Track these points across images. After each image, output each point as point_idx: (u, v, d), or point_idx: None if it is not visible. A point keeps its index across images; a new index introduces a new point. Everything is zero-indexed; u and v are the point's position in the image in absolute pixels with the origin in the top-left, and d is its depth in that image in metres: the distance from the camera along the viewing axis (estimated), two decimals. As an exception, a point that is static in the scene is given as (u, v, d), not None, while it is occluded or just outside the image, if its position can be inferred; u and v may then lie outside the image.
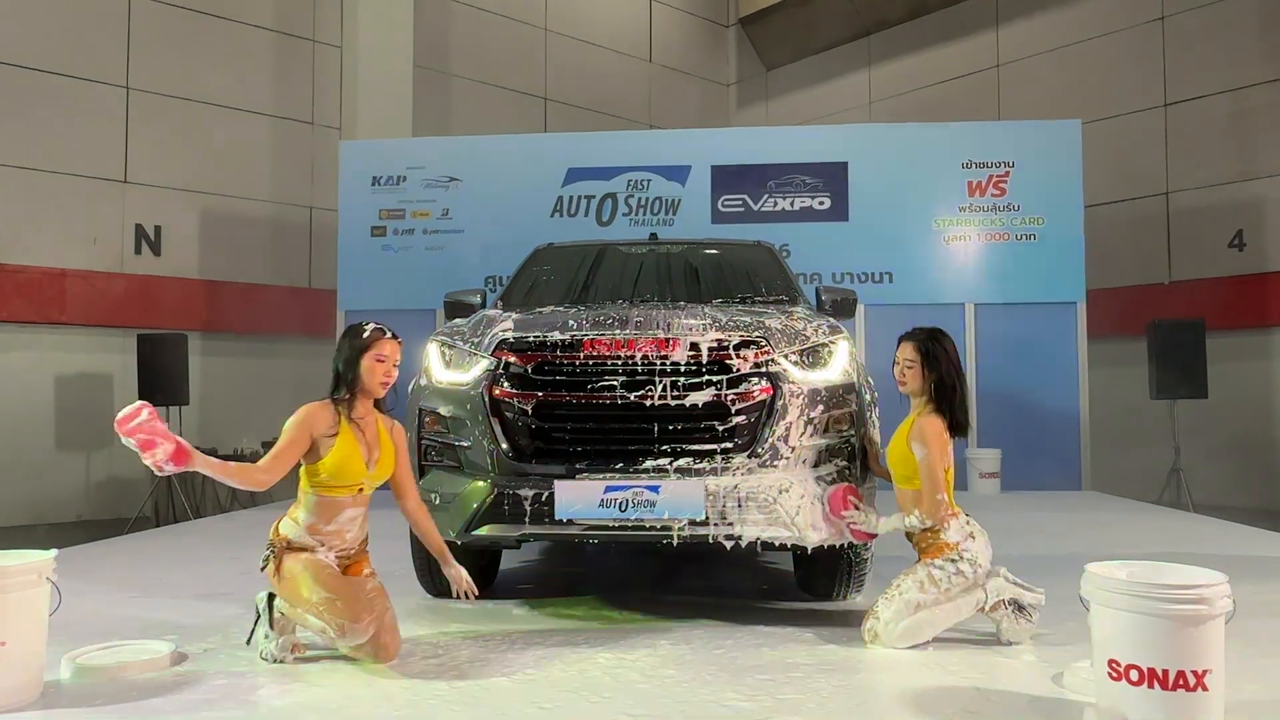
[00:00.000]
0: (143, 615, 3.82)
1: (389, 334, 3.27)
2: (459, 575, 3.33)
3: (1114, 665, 2.37)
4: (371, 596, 3.03)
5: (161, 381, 9.28)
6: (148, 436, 2.67)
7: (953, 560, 3.24)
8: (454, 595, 3.37)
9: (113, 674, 2.94)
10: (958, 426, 3.41)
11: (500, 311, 4.23)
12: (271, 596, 3.12)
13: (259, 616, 3.15)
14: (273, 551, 3.09)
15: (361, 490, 3.19)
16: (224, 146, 11.33)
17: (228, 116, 11.39)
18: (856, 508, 3.44)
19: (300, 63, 12.03)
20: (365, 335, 3.21)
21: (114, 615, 3.81)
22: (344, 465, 3.09)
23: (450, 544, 3.69)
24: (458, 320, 4.32)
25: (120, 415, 2.68)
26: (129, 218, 10.69)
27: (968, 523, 3.34)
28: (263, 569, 3.11)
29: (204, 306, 11.02)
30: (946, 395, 3.39)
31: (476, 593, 3.36)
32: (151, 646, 3.17)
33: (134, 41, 10.76)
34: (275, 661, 3.05)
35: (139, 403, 2.73)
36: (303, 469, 3.12)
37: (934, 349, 3.43)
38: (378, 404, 3.28)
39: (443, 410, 3.67)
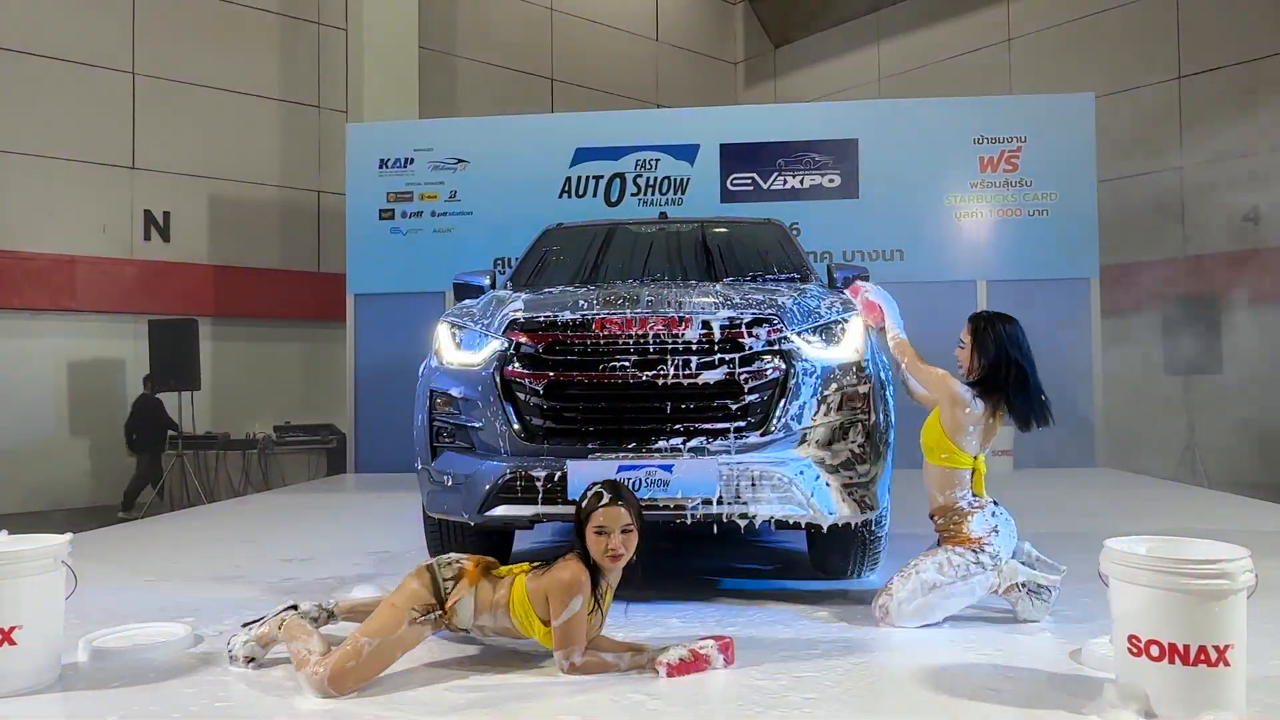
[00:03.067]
0: (158, 598, 3.83)
1: (607, 498, 2.73)
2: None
3: (1134, 641, 2.35)
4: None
5: (173, 367, 9.34)
6: None
7: (974, 551, 3.20)
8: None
9: (129, 656, 2.95)
10: (1021, 419, 3.29)
11: (510, 292, 4.20)
12: (294, 607, 2.96)
13: (271, 617, 2.93)
14: (436, 615, 2.75)
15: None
16: (231, 131, 11.32)
17: (234, 101, 11.38)
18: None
19: (306, 46, 12.00)
20: (584, 504, 2.77)
21: (129, 598, 3.82)
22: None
23: (463, 525, 3.70)
24: (467, 301, 4.30)
25: None
26: (138, 204, 10.71)
27: (994, 515, 3.27)
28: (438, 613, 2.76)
29: (214, 292, 11.06)
30: (997, 381, 3.27)
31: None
32: (167, 629, 3.17)
33: (139, 27, 10.74)
34: (232, 660, 2.84)
35: None
36: (524, 607, 2.74)
37: (986, 332, 3.33)
38: (628, 567, 2.80)
39: (454, 391, 3.65)
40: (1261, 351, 10.44)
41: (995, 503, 3.32)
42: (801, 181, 9.14)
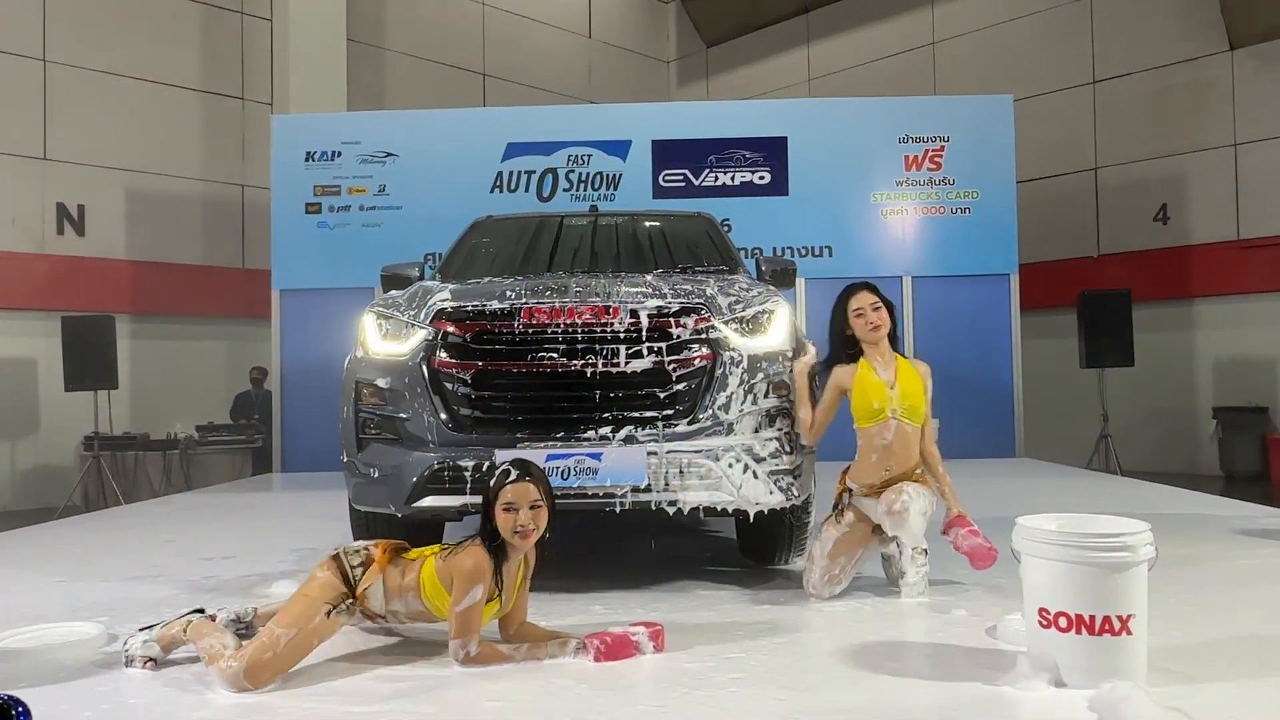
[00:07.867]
0: (71, 598, 3.70)
1: (515, 474, 2.71)
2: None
3: (1044, 613, 2.44)
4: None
5: (88, 365, 9.01)
6: None
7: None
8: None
9: (38, 657, 2.84)
10: None
11: (438, 283, 4.16)
12: (199, 610, 2.88)
13: (174, 619, 2.83)
14: (349, 603, 2.73)
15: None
16: (149, 122, 10.98)
17: (153, 91, 11.04)
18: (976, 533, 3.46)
19: (229, 36, 11.70)
20: (493, 482, 2.73)
21: (41, 599, 3.68)
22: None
23: (390, 517, 3.65)
24: (394, 292, 4.25)
25: None
26: (50, 196, 10.32)
27: None
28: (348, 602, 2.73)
29: (132, 288, 10.71)
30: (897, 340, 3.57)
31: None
32: (80, 628, 3.07)
33: (51, 12, 10.34)
34: (128, 661, 2.74)
35: None
36: (434, 588, 2.71)
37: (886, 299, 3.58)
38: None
39: (380, 382, 3.60)
40: (1170, 345, 10.91)
41: None
42: (733, 178, 9.23)
